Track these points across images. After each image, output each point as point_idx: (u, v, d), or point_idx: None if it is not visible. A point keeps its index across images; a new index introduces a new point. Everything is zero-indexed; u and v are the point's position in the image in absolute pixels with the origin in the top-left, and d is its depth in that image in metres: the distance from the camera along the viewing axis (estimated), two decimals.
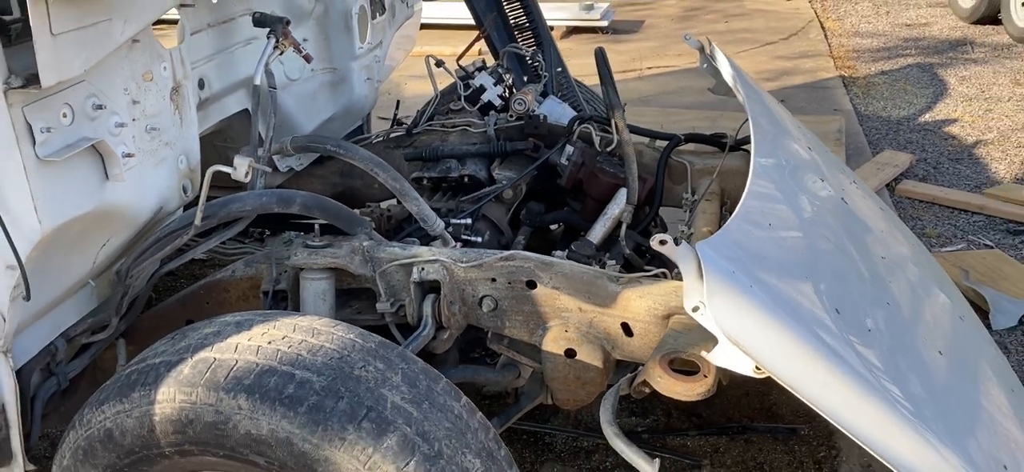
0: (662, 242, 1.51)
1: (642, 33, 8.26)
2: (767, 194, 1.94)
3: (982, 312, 3.31)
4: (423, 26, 3.95)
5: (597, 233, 2.44)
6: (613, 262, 1.92)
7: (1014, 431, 1.84)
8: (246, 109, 2.53)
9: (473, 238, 2.37)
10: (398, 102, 3.29)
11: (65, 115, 1.57)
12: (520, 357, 2.01)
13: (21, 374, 1.74)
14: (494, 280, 1.93)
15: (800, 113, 5.18)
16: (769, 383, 2.65)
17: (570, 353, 1.92)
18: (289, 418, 1.40)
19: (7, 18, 1.46)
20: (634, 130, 2.55)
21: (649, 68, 6.88)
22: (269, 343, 1.51)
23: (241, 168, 1.67)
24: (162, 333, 1.79)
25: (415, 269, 1.91)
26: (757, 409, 2.81)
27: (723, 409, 2.81)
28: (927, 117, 5.76)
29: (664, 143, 2.69)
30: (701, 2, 9.83)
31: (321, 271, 1.92)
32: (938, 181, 4.69)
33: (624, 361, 1.96)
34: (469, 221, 2.41)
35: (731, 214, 2.56)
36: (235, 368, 1.45)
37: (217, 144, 2.62)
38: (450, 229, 2.34)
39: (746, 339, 1.48)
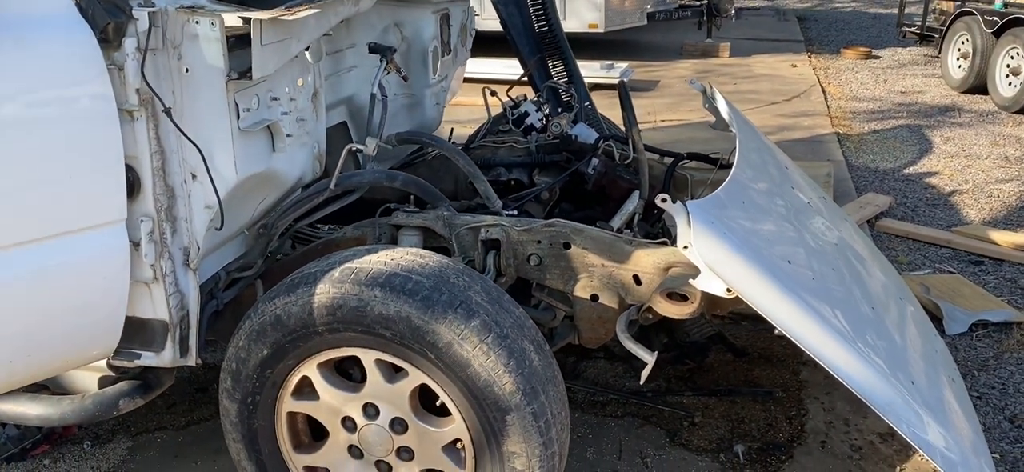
0: (663, 200, 2.20)
1: (657, 91, 9.06)
2: (746, 183, 2.63)
3: (937, 320, 3.95)
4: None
5: (615, 224, 3.13)
6: (628, 232, 2.61)
7: (927, 370, 2.49)
8: (343, 122, 3.27)
9: None
10: (452, 130, 4.03)
11: (255, 101, 2.30)
12: (556, 303, 2.69)
13: (200, 290, 2.43)
14: (539, 241, 2.62)
15: (795, 159, 5.89)
16: (753, 357, 3.38)
17: (594, 298, 2.59)
18: (409, 303, 2.09)
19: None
20: (646, 148, 3.25)
21: (663, 121, 7.64)
22: (392, 259, 2.20)
23: (371, 145, 2.39)
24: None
25: (482, 230, 2.61)
26: (742, 379, 3.46)
27: (713, 377, 3.46)
28: (911, 169, 6.45)
29: (670, 160, 3.41)
30: (713, 66, 10.65)
31: (414, 229, 2.62)
32: (915, 221, 5.36)
33: (633, 304, 2.63)
34: (515, 212, 3.11)
35: None
36: (371, 271, 2.15)
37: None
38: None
39: (720, 267, 2.16)
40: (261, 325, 2.25)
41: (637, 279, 2.57)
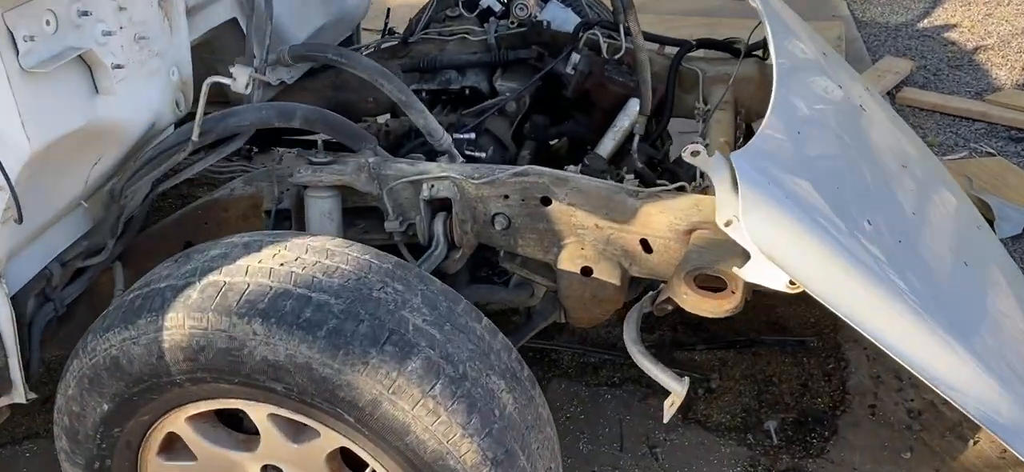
0: (694, 153, 1.43)
1: None
2: (792, 105, 1.86)
3: (988, 221, 3.28)
4: None
5: (607, 146, 2.35)
6: (630, 176, 1.84)
7: None
8: (234, 19, 2.40)
9: (476, 154, 2.29)
10: (388, 10, 3.14)
11: (48, 22, 1.45)
12: (533, 276, 1.95)
13: (16, 301, 1.66)
14: (507, 197, 1.85)
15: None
16: (775, 295, 2.61)
17: (586, 271, 1.86)
18: (308, 342, 1.33)
19: None
20: (645, 37, 2.43)
21: None
22: (281, 265, 1.43)
23: (241, 79, 1.56)
24: (160, 256, 1.71)
25: (425, 186, 1.83)
26: (764, 322, 2.79)
27: (728, 322, 2.78)
28: (925, 23, 5.65)
29: (674, 50, 2.59)
30: None
31: (326, 189, 1.83)
32: (939, 88, 4.62)
33: (640, 278, 1.90)
34: (472, 135, 2.32)
35: (745, 123, 2.50)
36: (248, 291, 1.38)
37: (204, 57, 2.48)
38: (451, 143, 2.26)
39: (780, 253, 1.42)
40: (94, 370, 1.49)
41: (646, 245, 1.82)
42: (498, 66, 2.56)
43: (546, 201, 1.85)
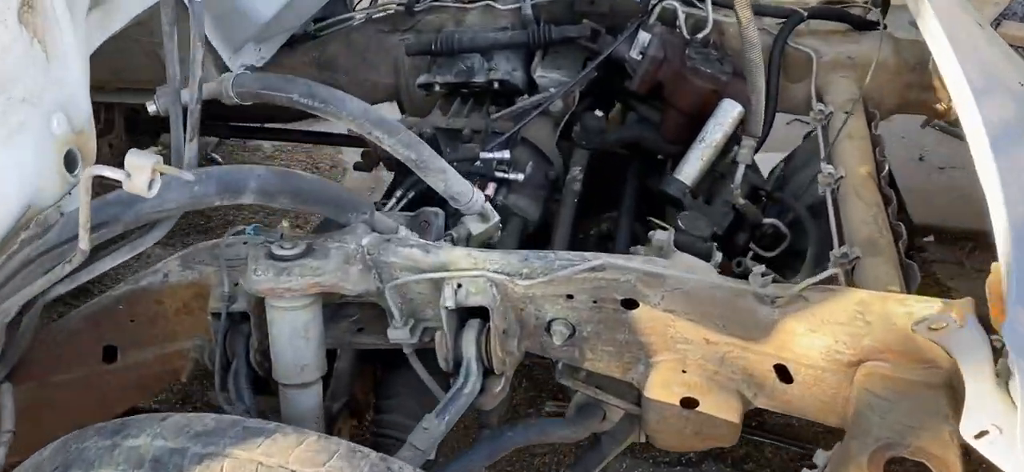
0: (935, 327, 0.80)
1: None
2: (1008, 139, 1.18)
3: None
4: None
5: (691, 169, 1.71)
6: (764, 274, 1.20)
7: None
8: None
9: (512, 176, 1.67)
10: None
11: None
12: (606, 396, 1.34)
13: None
14: (570, 297, 1.23)
15: None
16: None
17: (689, 403, 1.25)
18: None
19: None
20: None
21: None
22: None
23: (140, 175, 0.91)
24: (66, 360, 1.25)
25: (447, 289, 1.20)
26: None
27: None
28: None
29: (773, 22, 1.91)
30: None
31: (299, 297, 1.20)
32: None
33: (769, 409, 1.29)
34: (507, 154, 1.69)
35: (875, 126, 1.83)
36: None
37: (142, 39, 1.83)
38: (479, 163, 1.64)
39: None
40: None
41: (784, 372, 1.21)
42: (537, 48, 1.90)
43: (631, 303, 1.23)
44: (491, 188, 1.72)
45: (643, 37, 1.80)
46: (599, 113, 1.89)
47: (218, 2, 1.86)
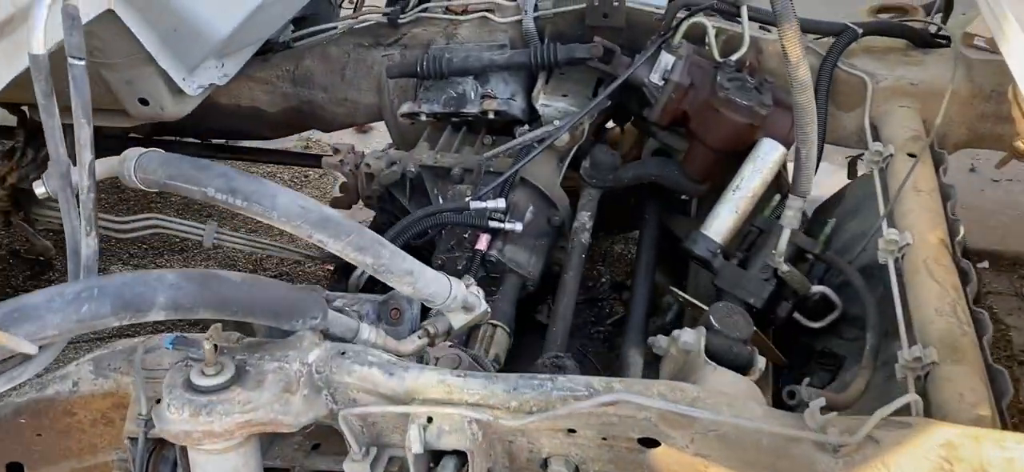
0: None
1: None
2: None
3: None
4: None
5: (722, 224, 1.43)
6: (824, 409, 0.92)
7: None
8: (110, 10, 1.48)
9: (509, 225, 1.41)
10: None
11: None
12: None
13: None
14: (572, 431, 0.96)
15: None
16: None
17: None
18: None
19: None
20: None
21: None
22: None
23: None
24: None
25: (414, 430, 0.93)
26: None
27: None
28: None
29: (822, 39, 1.61)
30: None
31: (227, 438, 0.94)
32: None
33: None
34: (502, 204, 1.42)
35: (944, 171, 1.53)
36: None
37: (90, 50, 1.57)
38: (471, 214, 1.39)
39: None
40: None
41: None
42: (540, 70, 1.61)
43: (650, 442, 0.96)
44: (484, 241, 1.47)
45: (666, 59, 1.51)
46: (612, 150, 1.61)
47: (166, 17, 1.59)
